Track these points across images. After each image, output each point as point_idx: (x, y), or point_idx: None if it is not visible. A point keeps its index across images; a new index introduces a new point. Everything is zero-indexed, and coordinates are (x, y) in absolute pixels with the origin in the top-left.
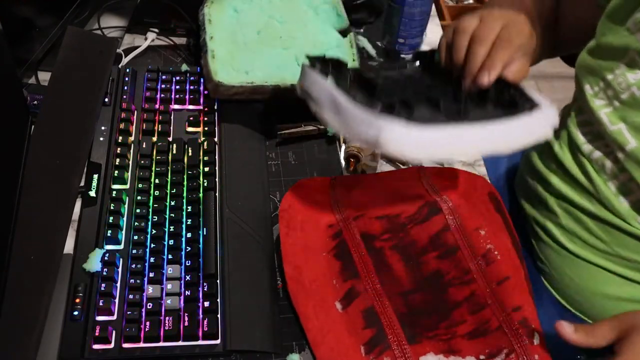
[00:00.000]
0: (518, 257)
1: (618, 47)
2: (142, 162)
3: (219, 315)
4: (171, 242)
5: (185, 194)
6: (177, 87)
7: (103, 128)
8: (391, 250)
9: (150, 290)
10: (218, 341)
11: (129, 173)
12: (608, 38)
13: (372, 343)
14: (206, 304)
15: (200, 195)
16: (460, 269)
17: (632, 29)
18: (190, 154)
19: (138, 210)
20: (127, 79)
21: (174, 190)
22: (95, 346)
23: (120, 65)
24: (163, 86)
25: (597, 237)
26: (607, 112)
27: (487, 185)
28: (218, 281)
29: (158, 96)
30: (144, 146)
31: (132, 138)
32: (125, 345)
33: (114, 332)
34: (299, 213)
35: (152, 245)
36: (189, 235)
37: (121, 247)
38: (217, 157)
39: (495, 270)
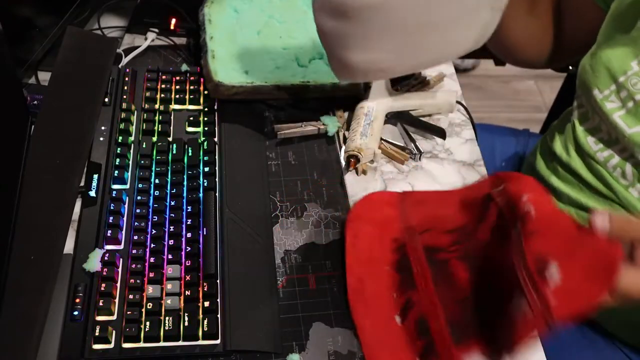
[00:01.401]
0: None
1: (629, 47)
2: (142, 162)
3: (219, 315)
4: (171, 242)
5: (185, 194)
6: (177, 87)
7: (103, 128)
8: (458, 261)
9: (150, 290)
10: (218, 341)
11: (129, 173)
12: (616, 40)
13: (425, 353)
14: (206, 304)
15: (200, 195)
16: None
17: None
18: (190, 154)
19: (138, 210)
20: (127, 79)
21: (174, 190)
22: (95, 346)
23: (120, 65)
24: (163, 86)
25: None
26: (622, 115)
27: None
28: (218, 281)
29: (158, 96)
30: (144, 146)
31: (132, 138)
32: (125, 345)
33: (114, 332)
34: (366, 225)
35: (152, 245)
36: (189, 235)
37: (121, 247)
38: (217, 157)
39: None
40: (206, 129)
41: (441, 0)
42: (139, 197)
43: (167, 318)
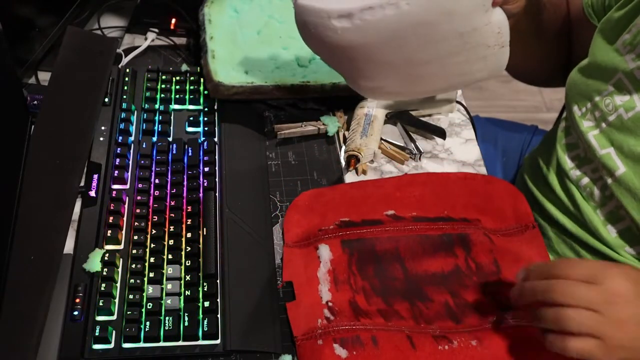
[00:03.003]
0: None
1: (607, 67)
2: (142, 162)
3: (219, 315)
4: (171, 242)
5: (185, 194)
6: (177, 87)
7: (103, 128)
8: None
9: (150, 290)
10: (218, 341)
11: (129, 173)
12: (597, 57)
13: None
14: (206, 304)
15: (201, 195)
16: None
17: (621, 51)
18: (190, 154)
19: (138, 210)
20: (127, 79)
21: (174, 190)
22: (95, 346)
23: (120, 65)
24: (163, 86)
25: None
26: (595, 134)
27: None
28: (218, 281)
29: (158, 96)
30: (144, 146)
31: (132, 138)
32: (125, 345)
33: (114, 332)
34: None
35: (152, 245)
36: (189, 235)
37: (121, 247)
38: (217, 157)
39: None
40: (206, 129)
41: (418, 43)
42: (139, 197)
43: (167, 318)
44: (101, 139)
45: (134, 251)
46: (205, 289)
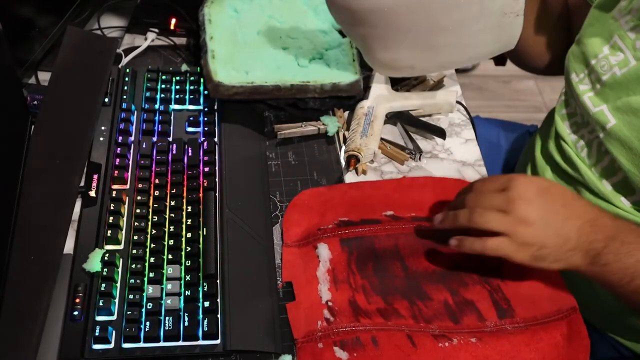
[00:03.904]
0: None
1: (603, 34)
2: (142, 162)
3: (219, 315)
4: (171, 242)
5: (185, 194)
6: (177, 87)
7: (103, 128)
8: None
9: (150, 290)
10: (218, 341)
11: (129, 173)
12: (594, 27)
13: None
14: (206, 304)
15: (200, 195)
16: None
17: (617, 17)
18: (190, 154)
19: (138, 210)
20: (127, 79)
21: (174, 190)
22: (95, 346)
23: (120, 65)
24: (163, 86)
25: None
26: (590, 95)
27: None
28: (218, 281)
29: (158, 96)
30: (144, 146)
31: (132, 138)
32: (125, 345)
33: (114, 332)
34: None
35: (152, 245)
36: (189, 235)
37: (121, 247)
38: (217, 157)
39: None
40: (206, 129)
41: (441, 7)
42: (139, 197)
43: (167, 318)
44: (101, 139)
45: (134, 251)
46: (205, 289)
